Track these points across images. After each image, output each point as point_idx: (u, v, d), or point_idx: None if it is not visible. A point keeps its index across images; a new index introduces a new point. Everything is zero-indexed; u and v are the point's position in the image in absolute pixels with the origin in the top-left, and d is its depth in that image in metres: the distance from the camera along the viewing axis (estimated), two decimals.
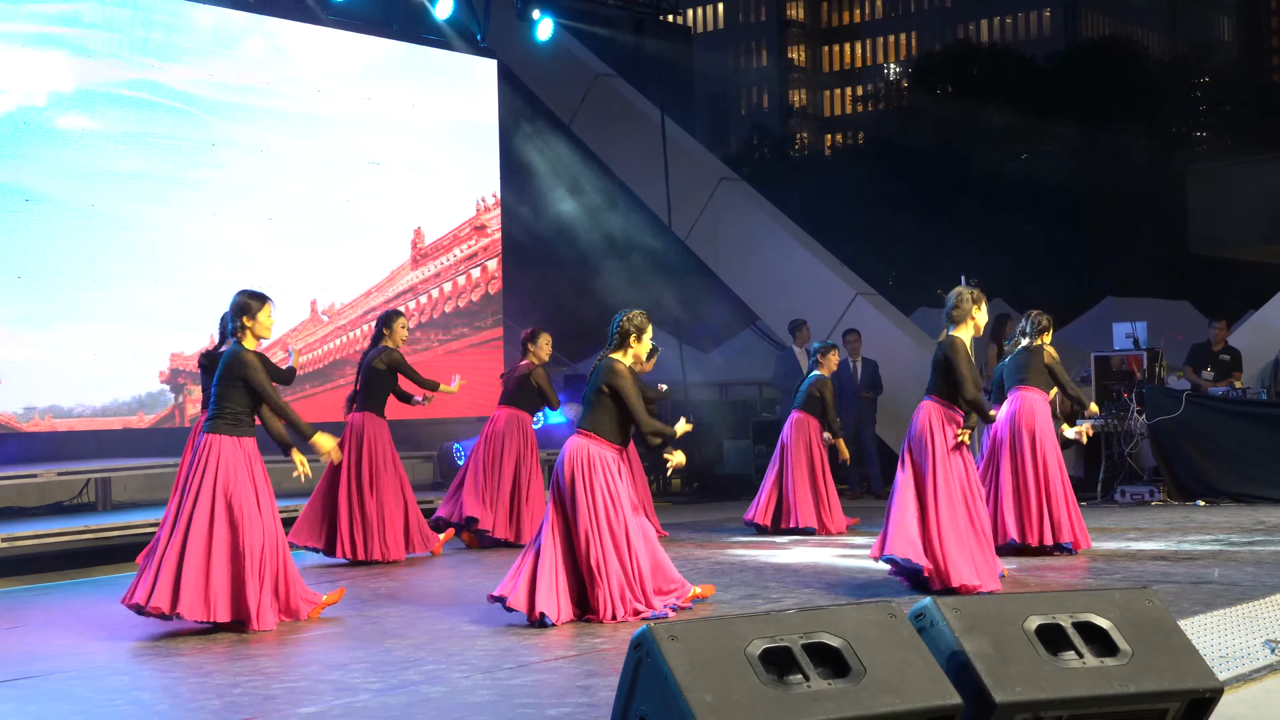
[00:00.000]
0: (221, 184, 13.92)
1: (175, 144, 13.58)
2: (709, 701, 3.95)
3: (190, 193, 13.67)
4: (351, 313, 14.84)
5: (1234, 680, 5.58)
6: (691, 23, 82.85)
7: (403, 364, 10.70)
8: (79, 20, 12.97)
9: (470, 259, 16.11)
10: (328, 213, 14.75)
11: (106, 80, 13.10)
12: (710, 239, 18.00)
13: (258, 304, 7.80)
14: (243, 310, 7.78)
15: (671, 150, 17.49)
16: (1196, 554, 9.63)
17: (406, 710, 5.48)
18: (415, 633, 7.35)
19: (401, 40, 15.73)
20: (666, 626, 4.14)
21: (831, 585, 8.64)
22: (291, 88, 14.54)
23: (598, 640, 6.92)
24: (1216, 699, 4.55)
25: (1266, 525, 11.44)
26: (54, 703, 5.94)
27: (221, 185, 13.92)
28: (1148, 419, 13.72)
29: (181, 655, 6.99)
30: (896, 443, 16.08)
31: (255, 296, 7.84)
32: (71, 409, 12.75)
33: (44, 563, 10.79)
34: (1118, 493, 13.71)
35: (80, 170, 12.89)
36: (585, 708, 5.38)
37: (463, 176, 16.09)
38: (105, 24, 13.15)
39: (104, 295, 13.00)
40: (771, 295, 17.55)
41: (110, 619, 7.99)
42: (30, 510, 12.27)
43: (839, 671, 4.19)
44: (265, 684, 6.11)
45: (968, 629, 4.44)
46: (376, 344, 10.70)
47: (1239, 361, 15.07)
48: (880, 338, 16.31)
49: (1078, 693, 4.37)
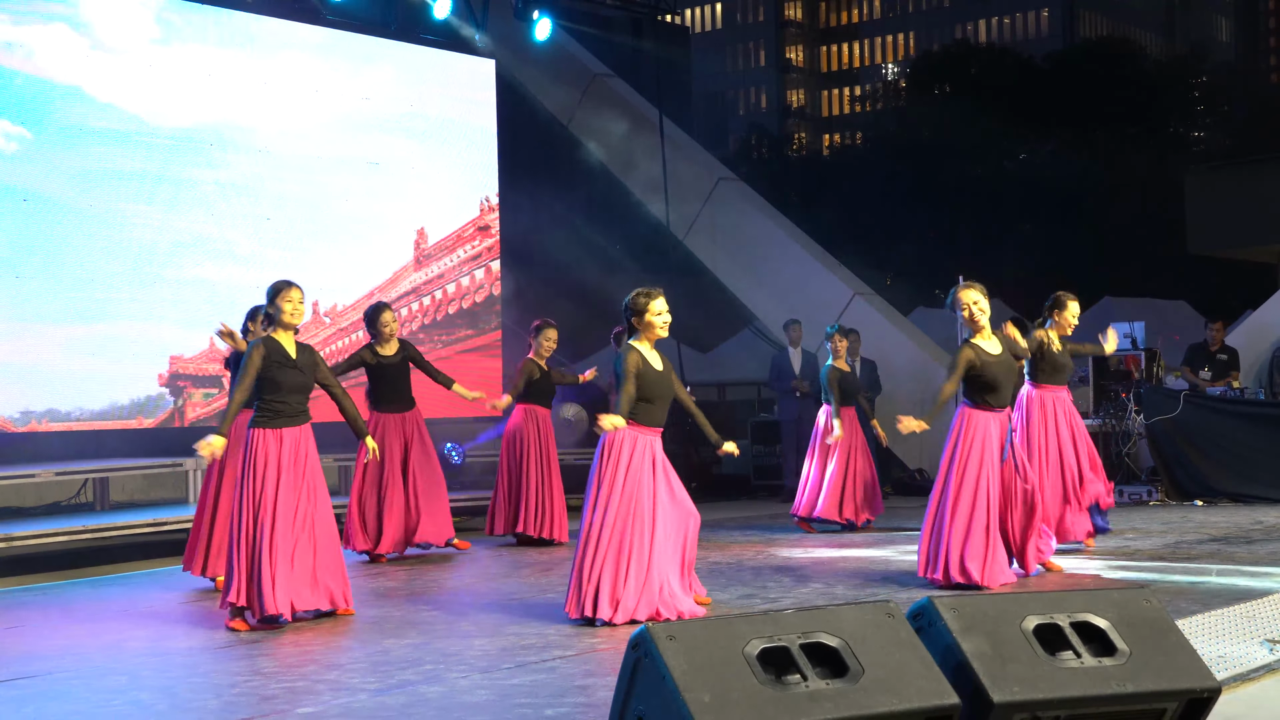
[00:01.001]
0: (220, 184, 13.92)
1: (174, 144, 13.58)
2: (707, 701, 3.96)
3: (188, 193, 13.66)
4: (354, 314, 14.82)
5: (1232, 680, 5.58)
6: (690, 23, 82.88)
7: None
8: (76, 20, 12.97)
9: (474, 259, 16.08)
10: (327, 213, 14.75)
11: (104, 80, 13.09)
12: (708, 239, 18.00)
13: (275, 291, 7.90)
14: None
15: (669, 150, 17.48)
16: (1194, 554, 9.64)
17: (404, 710, 5.48)
18: (413, 633, 7.34)
19: (400, 40, 15.72)
20: (664, 626, 4.15)
21: (830, 585, 8.64)
22: (290, 87, 14.53)
23: (596, 640, 6.92)
24: (1214, 699, 4.55)
25: (1264, 525, 11.44)
26: (51, 703, 5.94)
27: (220, 186, 13.92)
28: (1145, 419, 13.73)
29: (180, 655, 6.99)
30: (895, 442, 16.08)
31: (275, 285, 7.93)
32: (69, 413, 12.73)
33: (42, 563, 10.78)
34: (1115, 492, 13.71)
35: (78, 171, 12.89)
36: (583, 708, 5.38)
37: (463, 177, 16.08)
38: (102, 24, 13.14)
39: (102, 297, 12.98)
40: (769, 295, 17.55)
41: (107, 618, 8.00)
42: (28, 510, 12.27)
43: (837, 671, 4.19)
44: (263, 684, 6.11)
45: (965, 629, 4.44)
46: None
47: (1236, 361, 15.08)
48: (878, 338, 16.31)
49: (1075, 692, 4.37)
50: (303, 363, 7.87)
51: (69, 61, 12.89)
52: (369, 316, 10.77)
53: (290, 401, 7.79)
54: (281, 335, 7.84)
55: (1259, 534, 10.80)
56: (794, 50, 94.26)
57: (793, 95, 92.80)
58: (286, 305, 7.81)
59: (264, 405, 7.77)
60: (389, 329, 10.66)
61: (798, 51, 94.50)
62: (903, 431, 8.32)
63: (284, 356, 7.80)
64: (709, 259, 17.96)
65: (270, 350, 7.78)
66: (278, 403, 7.75)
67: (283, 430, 7.75)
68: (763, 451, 16.83)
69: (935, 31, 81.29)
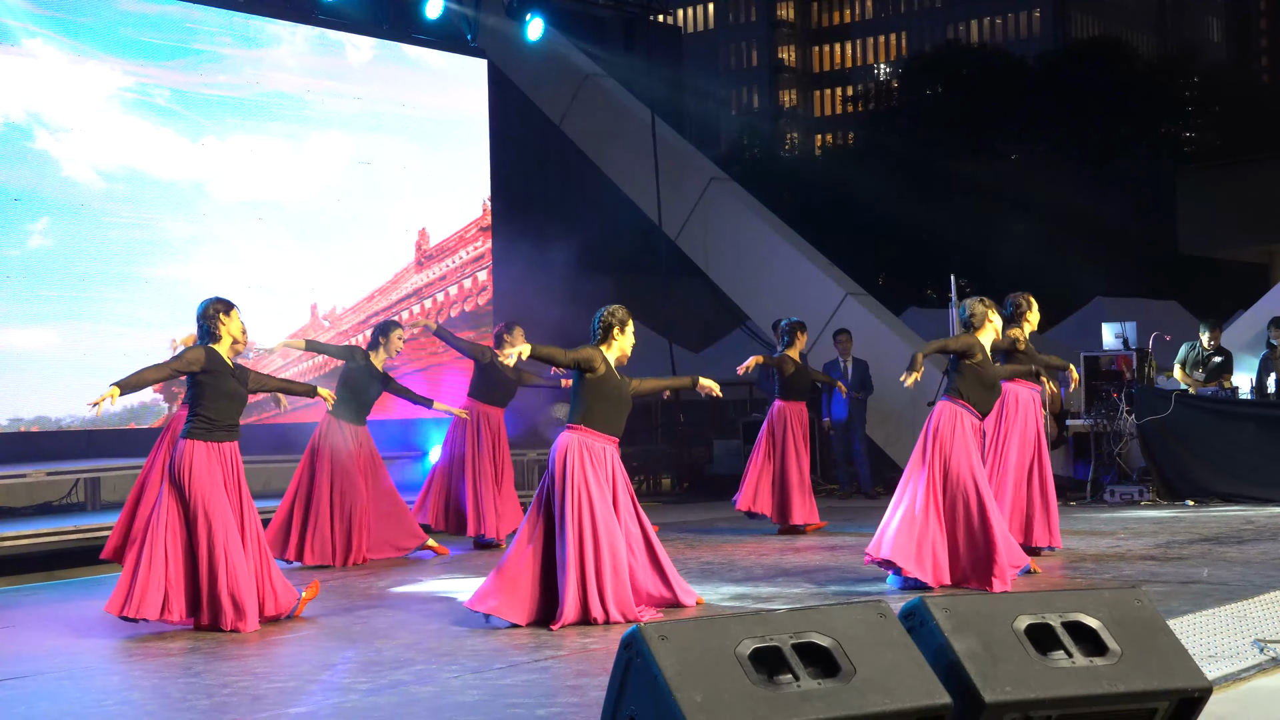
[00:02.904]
0: (213, 185, 13.89)
1: (167, 144, 13.56)
2: (699, 701, 3.96)
3: (184, 194, 13.64)
4: (354, 317, 14.77)
5: (1222, 680, 5.59)
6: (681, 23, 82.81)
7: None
8: (72, 20, 12.94)
9: (477, 261, 16.03)
10: (321, 214, 14.73)
11: (97, 80, 13.07)
12: (700, 239, 17.99)
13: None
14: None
15: (661, 150, 17.48)
16: (1185, 554, 9.65)
17: (396, 710, 5.47)
18: (405, 633, 7.34)
19: (392, 40, 15.72)
20: (656, 626, 4.15)
21: (821, 585, 8.65)
22: (281, 87, 14.51)
23: (588, 640, 6.92)
24: (1205, 698, 4.56)
25: (1255, 525, 11.46)
26: (42, 703, 5.93)
27: (213, 187, 13.89)
28: (1137, 419, 13.74)
29: (171, 656, 6.97)
30: (887, 443, 16.10)
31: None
32: (60, 419, 12.68)
33: (33, 563, 10.75)
34: (1107, 493, 13.73)
35: (72, 171, 12.85)
36: (575, 707, 5.38)
37: (462, 178, 16.05)
38: (97, 23, 13.12)
39: (95, 300, 12.92)
40: (761, 295, 17.54)
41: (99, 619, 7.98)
42: (19, 510, 12.24)
43: (829, 671, 4.19)
44: (254, 684, 6.10)
45: (957, 629, 4.44)
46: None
47: (1230, 363, 15.11)
48: (870, 338, 16.30)
49: (1067, 692, 4.37)
50: (239, 375, 7.83)
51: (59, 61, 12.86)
52: (383, 329, 10.66)
53: (225, 414, 7.73)
54: (221, 348, 7.80)
55: (1250, 534, 10.82)
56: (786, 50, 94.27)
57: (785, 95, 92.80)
58: (236, 327, 7.78)
59: (199, 416, 7.66)
60: (395, 347, 10.61)
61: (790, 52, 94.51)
62: (907, 385, 8.47)
63: (224, 366, 7.75)
64: (701, 259, 17.95)
65: (211, 358, 7.72)
66: (213, 414, 7.68)
67: (217, 444, 7.68)
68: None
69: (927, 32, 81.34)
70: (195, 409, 7.70)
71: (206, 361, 7.67)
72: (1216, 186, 22.87)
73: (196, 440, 7.64)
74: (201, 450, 7.63)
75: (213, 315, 7.76)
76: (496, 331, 11.46)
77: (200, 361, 7.66)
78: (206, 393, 7.68)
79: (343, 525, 10.32)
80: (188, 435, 7.67)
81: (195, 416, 7.69)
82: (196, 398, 7.70)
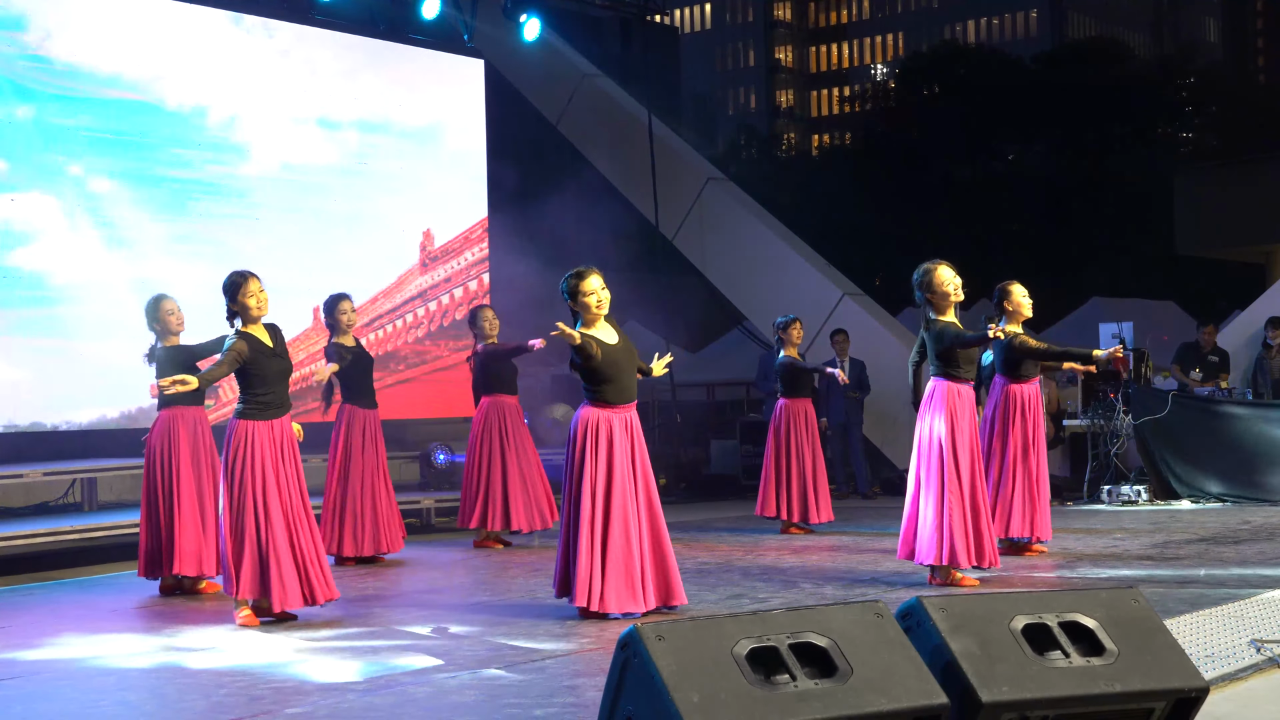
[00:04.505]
0: (209, 186, 13.87)
1: (163, 145, 13.53)
2: (695, 701, 3.96)
3: (180, 195, 13.61)
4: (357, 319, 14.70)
5: (1220, 679, 5.59)
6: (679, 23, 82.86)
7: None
8: (68, 20, 12.93)
9: (481, 263, 15.99)
10: (318, 215, 14.67)
11: (93, 80, 13.05)
12: (697, 239, 17.99)
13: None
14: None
15: (659, 150, 17.49)
16: (1182, 554, 9.66)
17: (393, 710, 5.47)
18: (401, 633, 7.34)
19: (388, 40, 15.69)
20: (653, 626, 4.15)
21: (818, 585, 8.65)
22: (276, 86, 14.49)
23: (585, 640, 6.92)
24: (1202, 698, 4.56)
25: (1252, 525, 11.47)
26: (39, 703, 5.92)
27: (209, 187, 13.86)
28: (1134, 419, 13.75)
29: (168, 656, 6.97)
30: (884, 443, 16.12)
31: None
32: (56, 425, 12.65)
33: (29, 563, 10.75)
34: (1104, 493, 13.74)
35: (69, 171, 12.84)
36: (572, 708, 5.38)
37: (462, 179, 16.01)
38: (94, 23, 13.10)
39: (92, 303, 12.85)
40: (758, 295, 17.55)
41: (95, 619, 7.98)
42: (16, 510, 12.22)
43: (825, 671, 4.19)
44: (251, 684, 6.10)
45: (954, 629, 4.44)
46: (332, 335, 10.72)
47: (1227, 363, 15.12)
48: (868, 338, 16.33)
49: (1064, 692, 4.37)
50: (280, 349, 7.85)
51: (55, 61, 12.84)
52: (328, 306, 10.69)
53: (277, 391, 7.79)
54: (253, 328, 7.83)
55: (1246, 534, 10.83)
56: (783, 51, 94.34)
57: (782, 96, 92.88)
58: (251, 301, 7.80)
59: (252, 398, 7.73)
60: (346, 318, 10.64)
61: (787, 52, 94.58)
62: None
63: (264, 346, 7.78)
64: (698, 259, 17.96)
65: (252, 344, 7.75)
66: (266, 394, 7.74)
67: (272, 421, 7.74)
68: (751, 451, 16.81)
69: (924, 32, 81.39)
70: (246, 392, 7.75)
71: (249, 350, 7.71)
72: (1213, 187, 22.88)
73: (253, 421, 7.68)
74: (262, 431, 7.67)
75: (235, 295, 7.79)
76: (473, 324, 11.44)
77: (245, 352, 7.70)
78: (254, 380, 7.72)
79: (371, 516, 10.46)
80: (241, 416, 7.71)
81: (247, 400, 7.73)
82: (246, 384, 7.74)
